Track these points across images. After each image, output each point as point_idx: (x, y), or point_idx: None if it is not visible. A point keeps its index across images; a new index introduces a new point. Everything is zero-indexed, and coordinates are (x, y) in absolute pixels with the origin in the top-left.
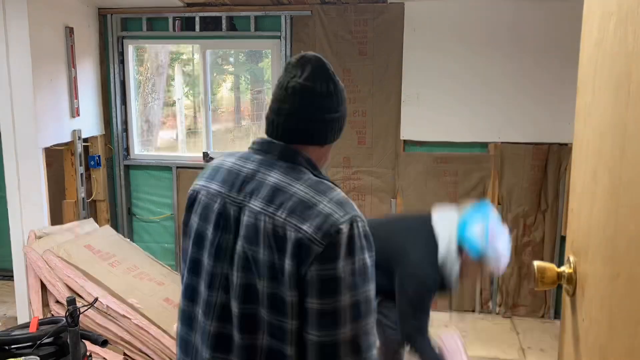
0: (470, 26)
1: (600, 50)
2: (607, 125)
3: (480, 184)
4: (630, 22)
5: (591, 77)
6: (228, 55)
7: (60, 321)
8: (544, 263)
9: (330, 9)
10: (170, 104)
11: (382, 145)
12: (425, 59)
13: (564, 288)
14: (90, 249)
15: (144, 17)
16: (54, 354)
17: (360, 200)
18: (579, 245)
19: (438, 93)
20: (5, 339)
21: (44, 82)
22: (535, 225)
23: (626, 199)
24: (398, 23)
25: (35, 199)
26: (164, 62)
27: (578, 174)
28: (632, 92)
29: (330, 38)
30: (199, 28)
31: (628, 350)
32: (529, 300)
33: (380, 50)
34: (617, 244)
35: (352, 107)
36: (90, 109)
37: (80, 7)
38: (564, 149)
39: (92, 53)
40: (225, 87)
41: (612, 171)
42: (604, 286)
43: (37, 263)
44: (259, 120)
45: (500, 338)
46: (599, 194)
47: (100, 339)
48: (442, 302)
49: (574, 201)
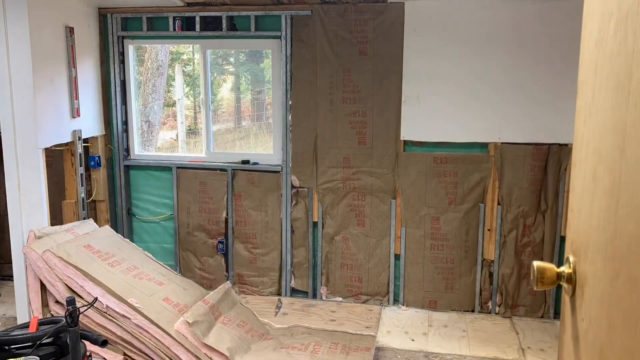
0: (470, 26)
1: (600, 51)
2: (607, 125)
3: (480, 184)
4: (630, 22)
5: (591, 77)
6: (228, 55)
7: (60, 321)
8: (543, 263)
9: (331, 8)
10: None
11: (382, 145)
12: (426, 59)
13: (564, 288)
14: (89, 249)
15: (144, 17)
16: (54, 354)
17: (360, 200)
18: (578, 245)
19: (438, 93)
20: (4, 339)
21: (44, 82)
22: (535, 226)
23: (626, 199)
24: (398, 23)
25: (35, 199)
26: (164, 62)
27: (578, 174)
28: (632, 92)
29: (330, 38)
30: (199, 28)
31: (628, 350)
32: (528, 300)
33: (380, 50)
34: (617, 244)
35: (352, 107)
36: (91, 109)
37: (80, 7)
38: (564, 149)
39: (93, 53)
40: (225, 87)
41: (612, 171)
42: (603, 286)
43: (36, 263)
44: (259, 121)
45: (500, 338)
46: (599, 194)
47: (100, 339)
48: (442, 302)
49: (574, 201)
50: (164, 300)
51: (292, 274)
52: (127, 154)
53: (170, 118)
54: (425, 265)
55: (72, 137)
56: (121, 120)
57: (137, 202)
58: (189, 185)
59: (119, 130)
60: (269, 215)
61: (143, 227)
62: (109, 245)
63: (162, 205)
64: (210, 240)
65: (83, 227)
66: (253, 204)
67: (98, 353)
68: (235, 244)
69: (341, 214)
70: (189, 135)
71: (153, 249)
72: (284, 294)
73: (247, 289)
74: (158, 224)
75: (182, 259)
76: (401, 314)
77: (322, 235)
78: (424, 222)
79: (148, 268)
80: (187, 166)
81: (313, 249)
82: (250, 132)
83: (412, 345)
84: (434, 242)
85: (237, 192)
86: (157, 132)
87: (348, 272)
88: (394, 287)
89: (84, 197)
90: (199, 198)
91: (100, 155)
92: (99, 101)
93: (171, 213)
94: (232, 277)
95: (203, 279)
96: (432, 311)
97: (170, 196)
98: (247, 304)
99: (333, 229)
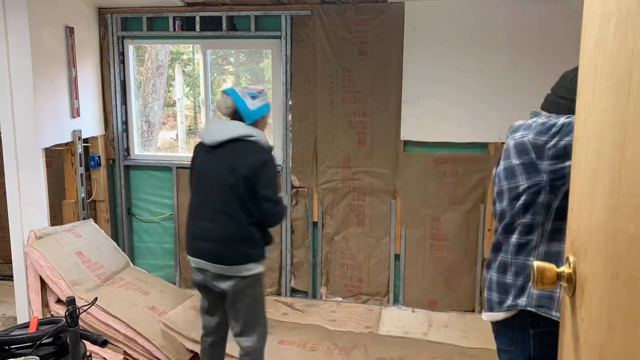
0: (470, 26)
1: (600, 51)
2: (607, 125)
3: (480, 184)
4: (630, 22)
5: (591, 77)
6: (228, 55)
7: (60, 321)
8: (543, 263)
9: (331, 8)
10: (170, 104)
11: (382, 145)
12: (426, 59)
13: (564, 288)
14: (80, 256)
15: (144, 17)
16: (54, 354)
17: (360, 200)
18: (578, 245)
19: (438, 93)
20: (4, 339)
21: (44, 82)
22: None
23: (626, 199)
24: (398, 23)
25: (35, 199)
26: (164, 62)
27: (578, 174)
28: (632, 92)
29: (330, 38)
30: (199, 28)
31: (628, 350)
32: None
33: (380, 50)
34: (617, 244)
35: (352, 107)
36: (91, 109)
37: (80, 7)
38: None
39: (93, 53)
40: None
41: (612, 171)
42: (603, 286)
43: (38, 262)
44: None
45: None
46: (599, 194)
47: (100, 339)
48: (442, 302)
49: (574, 201)
50: (150, 309)
51: (292, 274)
52: (127, 154)
53: (170, 118)
54: (425, 266)
55: (72, 137)
56: (121, 120)
57: (137, 202)
58: (188, 185)
59: (119, 130)
60: None
61: (143, 227)
62: (98, 252)
63: (162, 205)
64: None
65: (83, 227)
66: None
67: (98, 353)
68: None
69: (341, 214)
70: (189, 135)
71: (153, 249)
72: (284, 294)
73: None
74: (158, 224)
75: (182, 259)
76: (401, 314)
77: (322, 235)
78: (424, 222)
79: (134, 278)
80: (187, 166)
81: (313, 249)
82: None
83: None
84: (434, 242)
85: None
86: (157, 132)
87: (348, 272)
88: (394, 287)
89: (84, 197)
90: None
91: (100, 155)
92: (99, 101)
93: (171, 213)
94: None
95: None
96: (432, 311)
97: (170, 196)
98: None
99: (333, 229)
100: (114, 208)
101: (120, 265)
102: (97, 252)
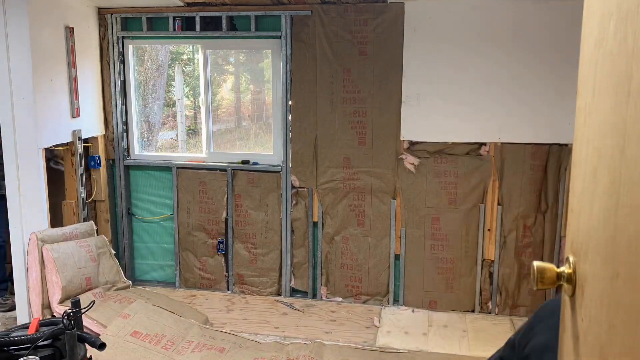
0: (470, 26)
1: (600, 51)
2: (607, 125)
3: (480, 184)
4: (630, 22)
5: (591, 77)
6: (228, 55)
7: (59, 323)
8: (543, 263)
9: (331, 8)
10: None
11: (382, 145)
12: (425, 59)
13: (563, 288)
14: (137, 335)
15: (144, 17)
16: (52, 356)
17: (360, 200)
18: (578, 245)
19: (438, 93)
20: (4, 340)
21: (44, 82)
22: (535, 226)
23: (626, 199)
24: (398, 23)
25: (35, 199)
26: (164, 62)
27: (578, 174)
28: (632, 92)
29: (330, 38)
30: (199, 28)
31: (628, 350)
32: (528, 300)
33: (380, 50)
34: (617, 244)
35: (352, 107)
36: (91, 109)
37: (80, 7)
38: (564, 149)
39: (92, 53)
40: (225, 87)
41: (612, 171)
42: (603, 286)
43: (43, 262)
44: (259, 121)
45: (500, 338)
46: (599, 194)
47: (98, 341)
48: (442, 302)
49: (574, 201)
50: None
51: (292, 274)
52: (127, 154)
53: (170, 118)
54: (425, 266)
55: (72, 137)
56: (121, 120)
57: (137, 202)
58: (189, 185)
59: (119, 130)
60: (268, 215)
61: (143, 227)
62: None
63: (162, 205)
64: (210, 240)
65: (83, 228)
66: (253, 204)
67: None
68: (235, 244)
69: (341, 214)
70: (189, 135)
71: (153, 249)
72: (284, 294)
73: (247, 289)
74: (158, 224)
75: (182, 259)
76: (401, 314)
77: (322, 235)
78: (424, 222)
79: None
80: (187, 166)
81: (313, 249)
82: (250, 132)
83: (412, 345)
84: (434, 242)
85: (237, 192)
86: (157, 132)
87: (348, 272)
88: (394, 287)
89: (84, 197)
90: (198, 198)
91: (100, 155)
92: (99, 101)
93: (171, 213)
94: (232, 277)
95: (203, 279)
96: (432, 311)
97: (170, 196)
98: (247, 304)
99: (333, 229)
100: (114, 208)
101: (183, 326)
102: (154, 324)
